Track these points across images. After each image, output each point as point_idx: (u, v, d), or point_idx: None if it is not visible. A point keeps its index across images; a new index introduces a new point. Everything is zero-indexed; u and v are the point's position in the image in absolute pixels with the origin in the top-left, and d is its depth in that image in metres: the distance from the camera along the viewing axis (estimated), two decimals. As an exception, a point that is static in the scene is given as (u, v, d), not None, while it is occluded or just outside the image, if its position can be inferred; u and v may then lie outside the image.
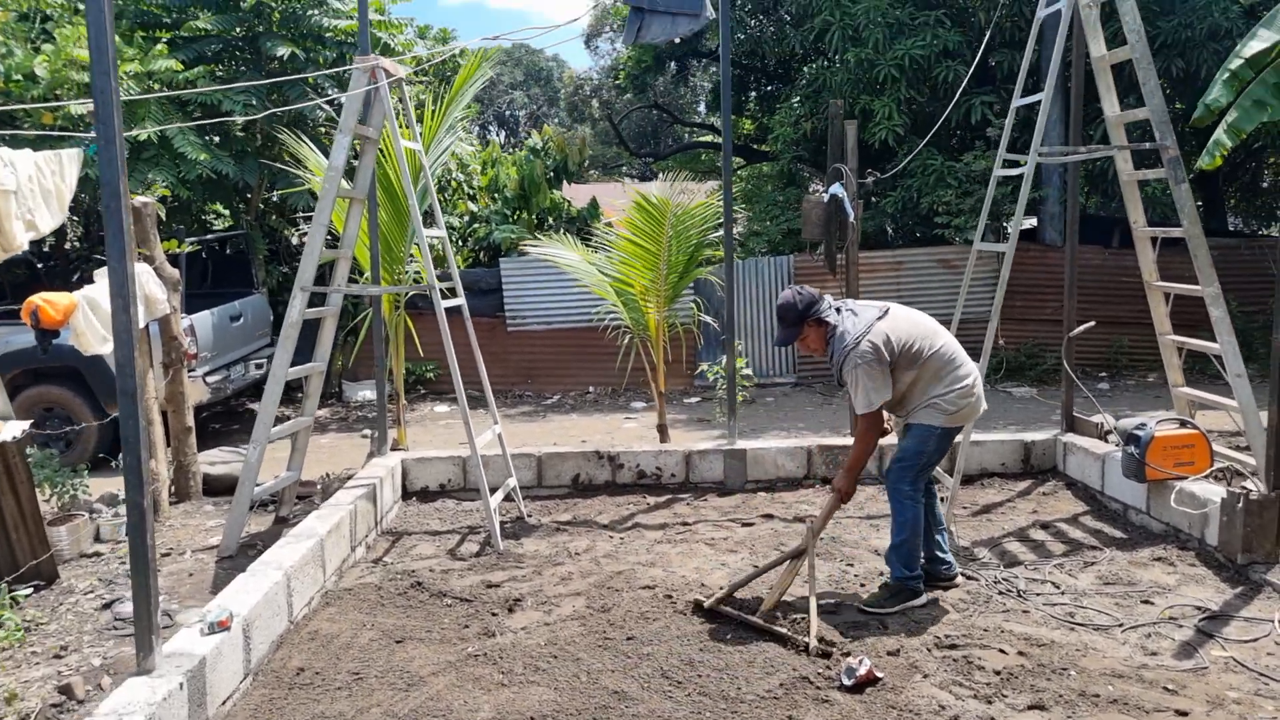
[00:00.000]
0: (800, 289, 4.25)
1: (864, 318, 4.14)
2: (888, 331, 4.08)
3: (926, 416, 4.17)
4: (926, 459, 4.22)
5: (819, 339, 4.19)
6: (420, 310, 10.55)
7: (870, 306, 4.26)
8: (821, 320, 4.15)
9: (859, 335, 4.06)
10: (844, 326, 4.11)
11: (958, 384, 4.16)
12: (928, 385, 4.15)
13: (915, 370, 4.12)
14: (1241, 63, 7.47)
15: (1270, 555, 4.41)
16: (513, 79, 40.91)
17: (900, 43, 12.22)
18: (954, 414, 4.17)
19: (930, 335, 4.20)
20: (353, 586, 4.49)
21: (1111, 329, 11.68)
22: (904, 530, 4.19)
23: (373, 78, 5.13)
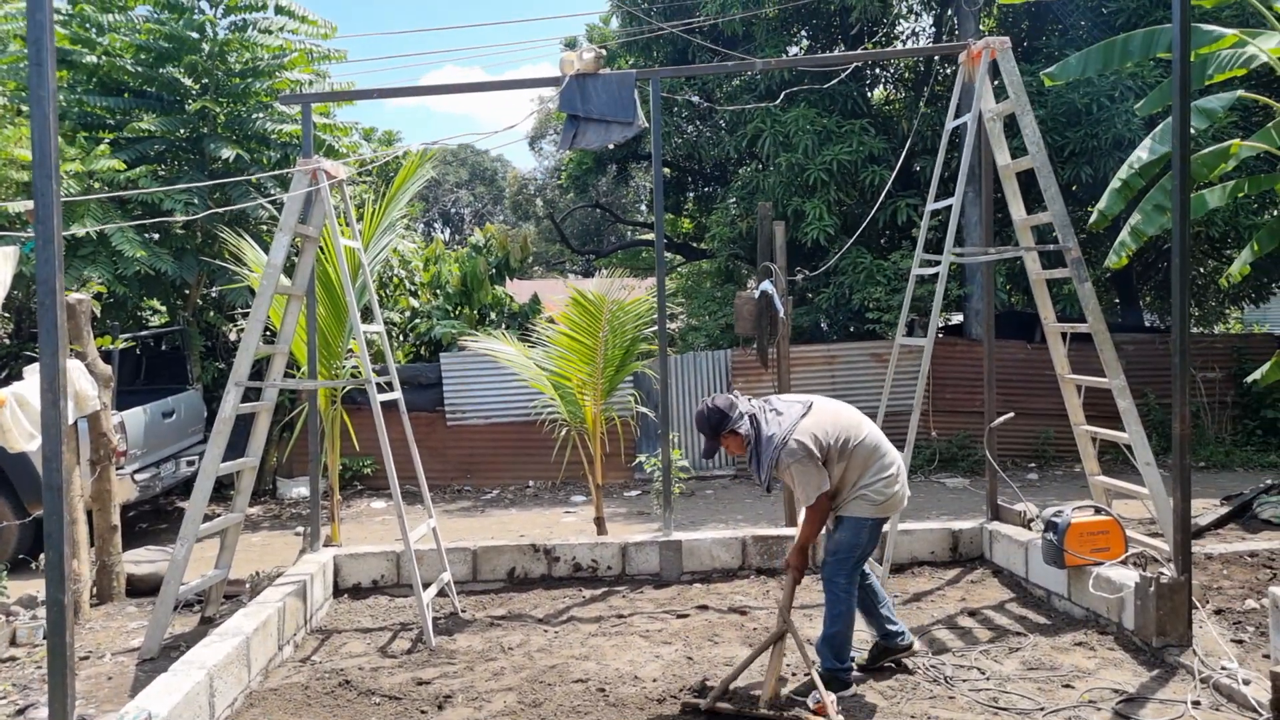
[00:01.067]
0: (712, 404, 4.33)
1: (789, 416, 4.27)
2: (813, 429, 4.22)
3: (856, 509, 4.29)
4: (861, 551, 4.33)
5: (739, 446, 4.31)
6: (358, 405, 10.52)
7: (795, 403, 4.40)
8: (734, 431, 4.26)
9: (785, 434, 4.18)
10: (769, 430, 4.22)
11: (884, 473, 4.31)
12: (857, 475, 4.28)
13: (844, 462, 4.26)
14: (1132, 172, 8.11)
15: (1183, 638, 4.58)
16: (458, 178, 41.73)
17: (828, 149, 12.92)
18: (882, 504, 4.31)
19: (855, 426, 4.35)
20: (279, 686, 4.38)
21: (1037, 420, 12.12)
22: (838, 623, 4.28)
23: (314, 179, 5.29)
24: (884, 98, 16.29)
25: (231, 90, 10.92)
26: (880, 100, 16.11)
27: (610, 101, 6.14)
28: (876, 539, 4.44)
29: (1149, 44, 7.77)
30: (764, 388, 12.41)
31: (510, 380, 11.94)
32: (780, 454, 4.16)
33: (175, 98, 10.93)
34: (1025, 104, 5.44)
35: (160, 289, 10.88)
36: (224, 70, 10.84)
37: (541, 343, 7.75)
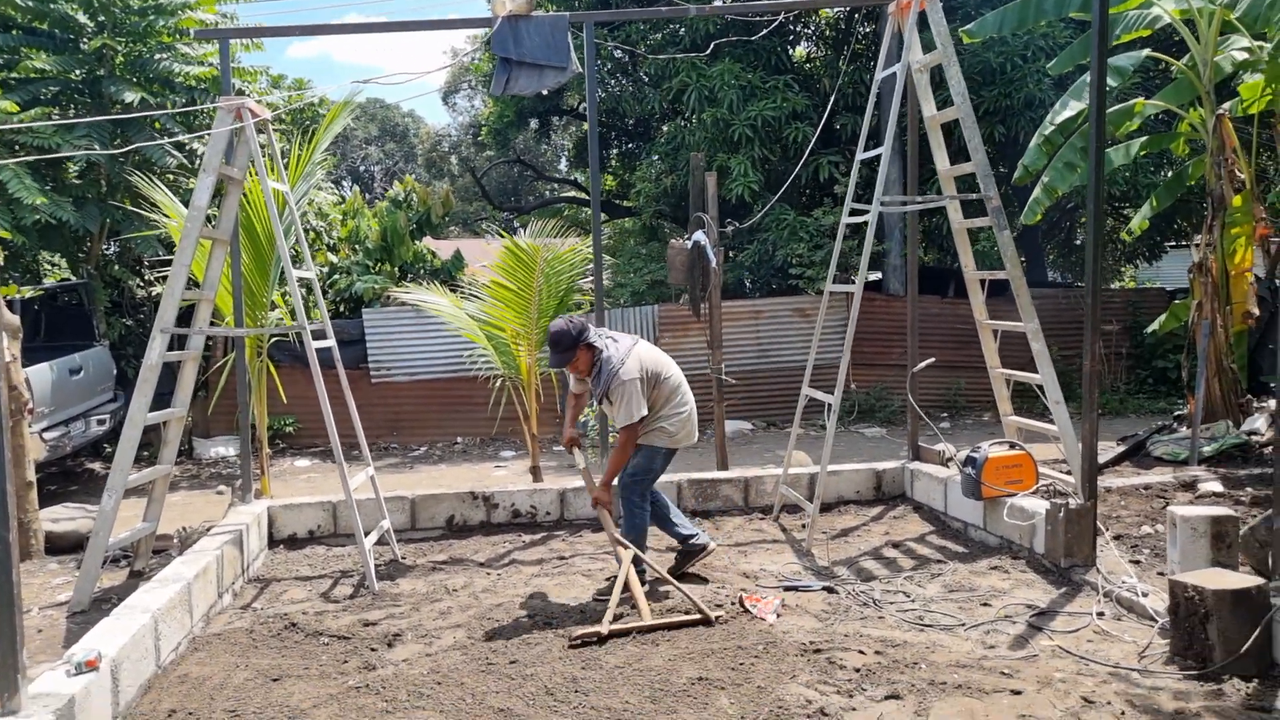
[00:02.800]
0: (571, 318, 4.84)
1: (624, 345, 4.81)
2: (640, 358, 4.79)
3: (653, 439, 4.87)
4: (653, 475, 4.96)
5: (587, 362, 4.78)
6: (279, 363, 10.26)
7: (625, 336, 4.94)
8: (591, 345, 4.74)
9: (623, 358, 4.72)
10: (609, 352, 4.74)
11: (680, 410, 4.93)
12: (660, 408, 4.87)
13: (653, 394, 4.83)
14: (1053, 129, 8.48)
15: (1088, 558, 4.93)
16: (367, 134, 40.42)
17: (753, 104, 13.03)
18: (674, 435, 4.91)
19: (666, 366, 4.96)
20: (222, 631, 4.34)
21: (950, 372, 12.63)
22: (633, 532, 4.88)
23: (238, 118, 5.12)
24: (805, 56, 16.47)
25: (132, 28, 10.34)
26: (802, 58, 16.29)
27: (544, 45, 6.09)
28: (665, 468, 5.04)
29: (1062, 3, 8.09)
30: (692, 342, 12.60)
31: (437, 336, 11.83)
32: (618, 373, 4.65)
33: (70, 35, 10.31)
34: (952, 55, 5.63)
35: (60, 240, 10.34)
36: (122, 6, 10.23)
37: (474, 294, 7.70)
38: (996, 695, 3.50)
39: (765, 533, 6.06)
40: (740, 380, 12.23)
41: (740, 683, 3.66)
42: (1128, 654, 3.88)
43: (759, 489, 6.66)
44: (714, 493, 6.60)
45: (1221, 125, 7.58)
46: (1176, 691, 3.51)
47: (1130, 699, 3.45)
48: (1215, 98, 8.04)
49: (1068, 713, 3.35)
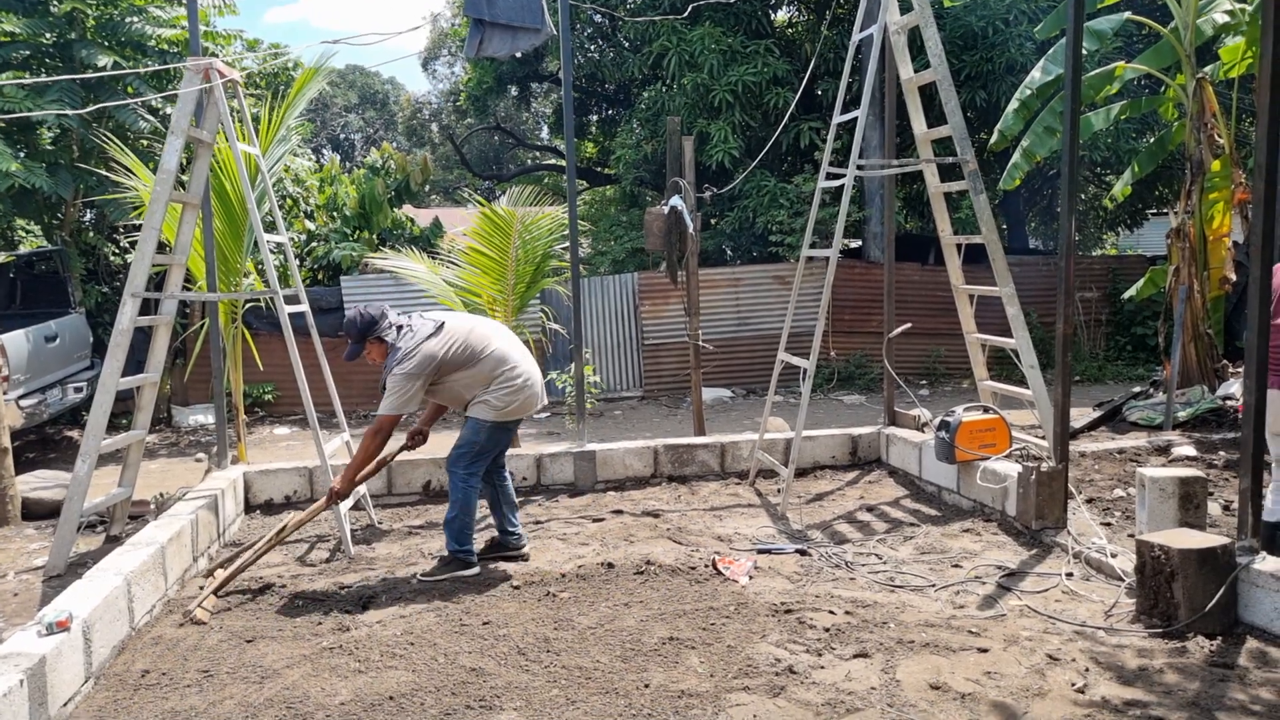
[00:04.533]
0: (364, 310, 4.63)
1: (419, 334, 4.56)
2: (435, 349, 4.51)
3: (478, 411, 4.65)
4: (479, 448, 4.69)
5: (380, 354, 4.60)
6: (255, 331, 10.19)
7: (429, 322, 4.67)
8: (380, 339, 4.57)
9: (409, 351, 4.48)
10: (400, 344, 4.53)
11: (509, 383, 4.64)
12: (477, 385, 4.62)
13: (466, 371, 4.59)
14: (1031, 93, 8.45)
15: (1059, 520, 4.99)
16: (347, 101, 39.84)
17: (733, 69, 12.93)
18: (503, 409, 4.66)
19: (485, 340, 4.67)
20: (196, 595, 4.34)
21: (929, 339, 12.70)
22: (456, 508, 4.65)
23: (206, 78, 5.02)
24: (787, 20, 16.32)
25: (103, -10, 10.12)
26: (783, 23, 16.15)
27: (517, 6, 6.00)
28: (497, 441, 4.80)
29: (1043, -34, 8.01)
30: (670, 310, 12.60)
31: (416, 303, 11.74)
32: (395, 367, 4.47)
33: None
34: (929, 16, 5.58)
35: (34, 207, 10.18)
36: (93, -32, 10.01)
37: (451, 261, 7.65)
38: (963, 653, 3.56)
39: (741, 497, 6.10)
40: (720, 348, 12.26)
41: (711, 642, 3.70)
42: (1095, 613, 3.94)
43: (735, 454, 6.69)
44: (690, 458, 6.63)
45: (1202, 89, 7.58)
46: (1141, 649, 3.57)
47: (1095, 656, 3.51)
48: (1196, 61, 8.04)
49: (1032, 670, 3.41)
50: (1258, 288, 3.41)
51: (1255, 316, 3.46)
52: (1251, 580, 3.66)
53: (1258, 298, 3.44)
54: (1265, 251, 3.35)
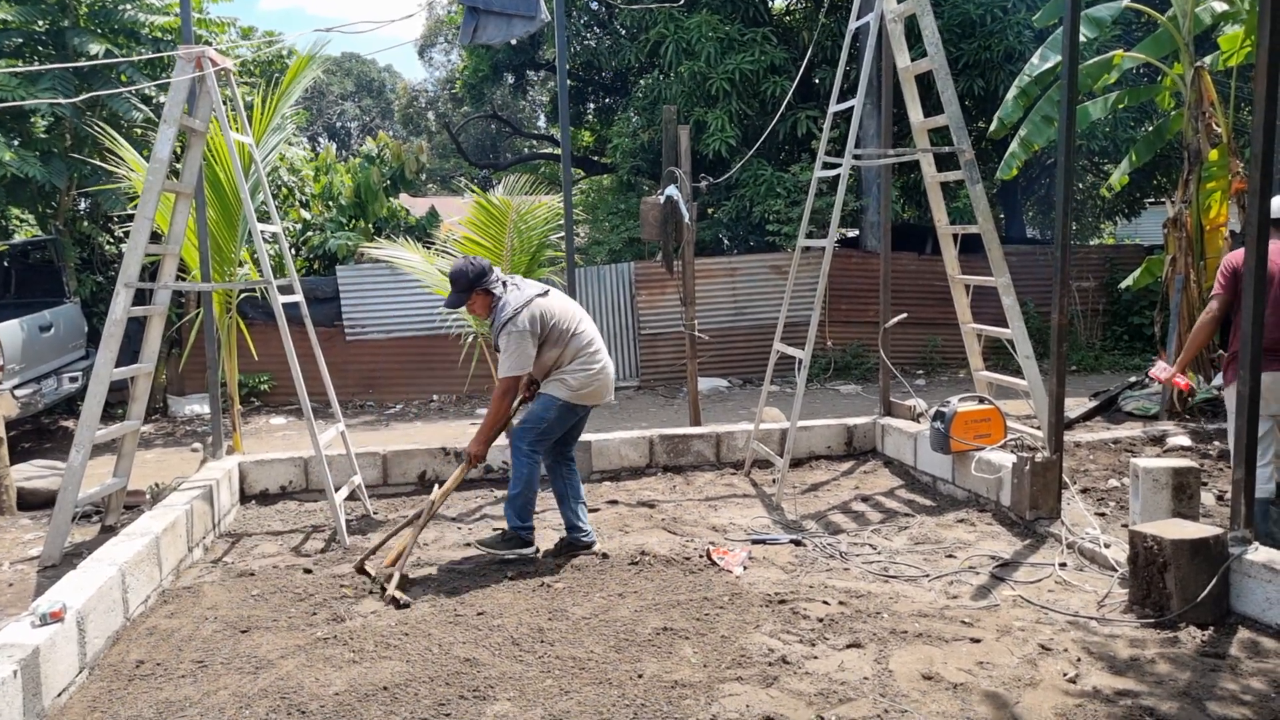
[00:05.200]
0: (473, 260, 4.65)
1: (525, 293, 4.58)
2: (543, 309, 4.55)
3: (553, 389, 4.63)
4: (547, 425, 4.65)
5: (485, 307, 4.61)
6: (251, 320, 10.17)
7: (534, 285, 4.72)
8: (488, 291, 4.57)
9: (518, 308, 4.49)
10: (507, 298, 4.54)
11: (589, 367, 4.65)
12: (564, 362, 4.63)
13: (558, 348, 4.62)
14: (1030, 80, 8.42)
15: (1053, 511, 5.01)
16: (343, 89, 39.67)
17: (731, 58, 12.87)
18: (577, 391, 4.64)
19: (577, 320, 4.71)
20: (192, 585, 4.35)
21: (926, 329, 12.69)
22: (519, 484, 4.62)
23: (198, 67, 4.99)
24: (785, 8, 16.25)
25: (96, -23, 10.05)
26: (781, 10, 16.07)
27: (513, -6, 5.96)
28: (564, 423, 4.74)
29: (1041, -46, 7.97)
30: (666, 300, 12.58)
31: (412, 293, 11.75)
32: (508, 322, 4.46)
33: (32, -16, 9.99)
34: (926, 4, 5.55)
35: (28, 196, 10.13)
36: (85, -46, 9.93)
37: (447, 250, 7.62)
38: (956, 643, 3.57)
39: (736, 487, 6.10)
40: (716, 338, 12.25)
41: (705, 633, 3.71)
42: (1087, 603, 3.95)
43: (730, 444, 6.69)
44: (685, 448, 6.64)
45: (1200, 78, 7.55)
46: (1133, 639, 3.58)
47: (1087, 646, 3.52)
48: (1194, 50, 8.00)
49: (1024, 660, 3.42)
50: (1252, 278, 3.41)
51: (1249, 306, 3.46)
52: (1244, 570, 3.67)
53: (1252, 288, 3.43)
54: (1260, 242, 3.34)
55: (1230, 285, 4.46)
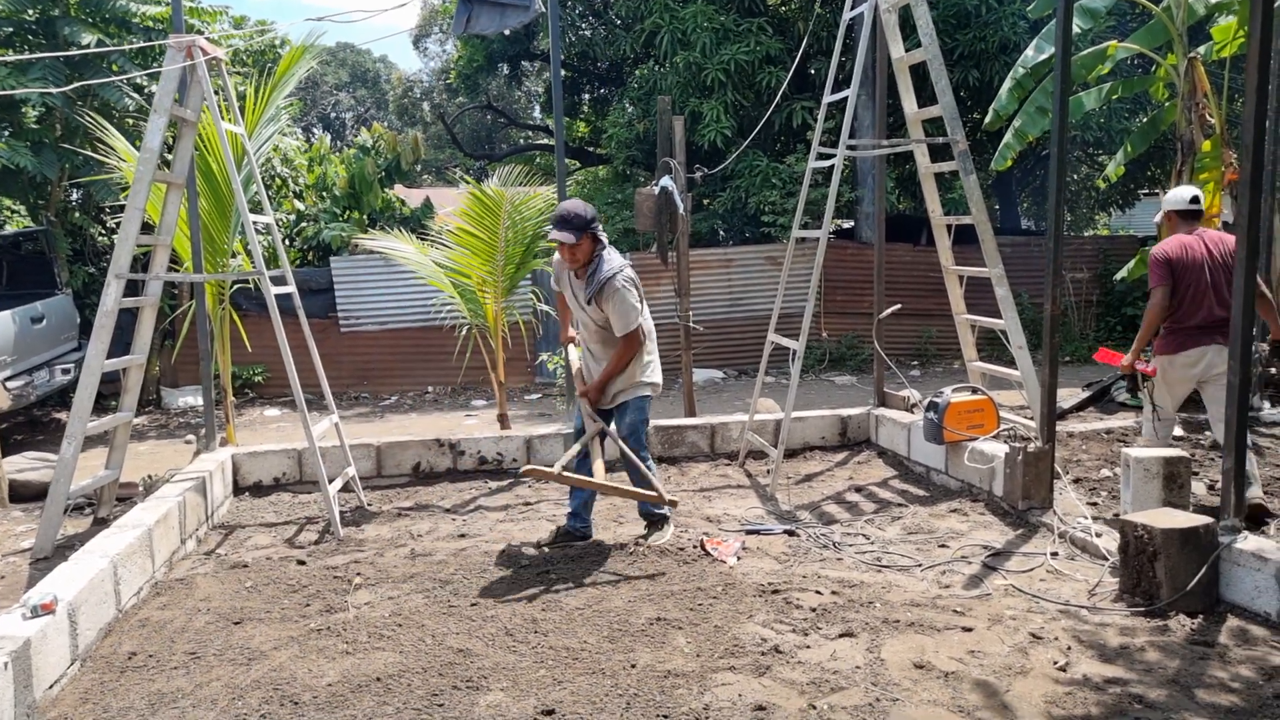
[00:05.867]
0: (584, 204, 4.62)
1: (621, 258, 4.65)
2: (635, 279, 4.63)
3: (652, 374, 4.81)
4: (647, 423, 4.93)
5: (587, 254, 4.52)
6: (246, 311, 10.14)
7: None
8: (597, 238, 4.52)
9: (623, 265, 4.58)
10: (610, 256, 4.58)
11: (655, 351, 4.85)
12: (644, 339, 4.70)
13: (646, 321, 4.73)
14: (1025, 72, 8.42)
15: (1045, 500, 5.02)
16: (337, 79, 39.52)
17: (726, 48, 12.83)
18: (658, 384, 4.86)
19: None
20: (184, 576, 4.35)
21: (921, 320, 12.71)
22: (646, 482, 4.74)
23: (189, 56, 4.97)
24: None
25: (86, -35, 9.97)
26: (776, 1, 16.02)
27: (506, -16, 5.93)
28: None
29: (1036, -56, 7.96)
30: (663, 290, 12.55)
31: (406, 284, 11.72)
32: (617, 275, 4.48)
33: (22, -27, 9.92)
34: (920, -5, 5.54)
35: (19, 186, 10.08)
36: (75, -57, 9.86)
37: (440, 243, 7.60)
38: (948, 632, 3.58)
39: (730, 478, 6.11)
40: (712, 329, 12.25)
41: (698, 623, 3.72)
42: (1079, 592, 3.97)
43: (725, 435, 6.70)
44: (680, 439, 6.64)
45: (1193, 69, 7.55)
46: (1123, 627, 3.60)
47: (1077, 635, 3.54)
48: (1188, 41, 8.00)
49: (1015, 648, 3.44)
50: (1243, 269, 3.41)
51: (1240, 296, 3.46)
52: (1233, 559, 3.69)
53: (1243, 278, 3.44)
54: (1251, 233, 3.35)
55: (1166, 274, 5.01)
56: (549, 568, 4.40)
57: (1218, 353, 4.86)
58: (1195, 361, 5.02)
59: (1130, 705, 3.01)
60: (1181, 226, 5.20)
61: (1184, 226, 5.19)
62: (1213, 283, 4.96)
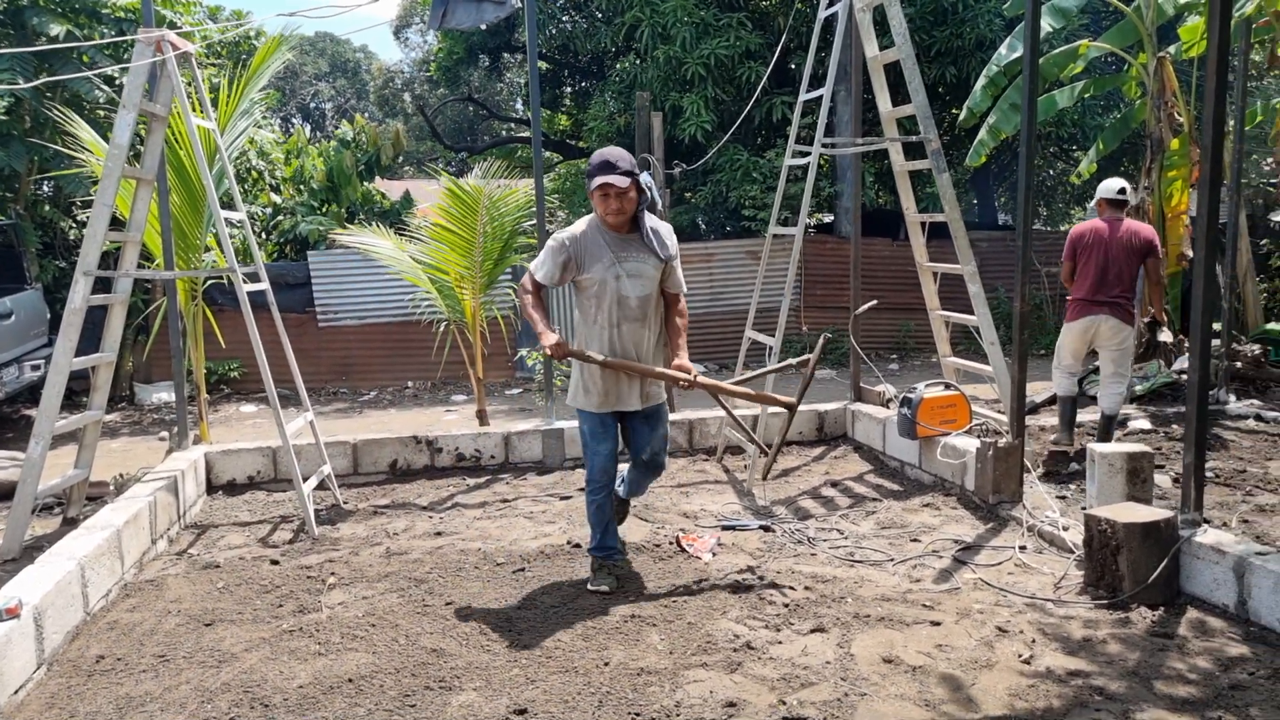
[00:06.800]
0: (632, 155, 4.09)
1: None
2: None
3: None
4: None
5: (634, 203, 3.90)
6: (220, 307, 10.06)
7: None
8: (642, 188, 3.92)
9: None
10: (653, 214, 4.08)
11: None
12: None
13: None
14: (998, 70, 8.48)
15: (1015, 494, 5.09)
16: (317, 69, 39.14)
17: (706, 42, 12.84)
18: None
19: None
20: (155, 578, 4.32)
21: (900, 314, 12.78)
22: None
23: (158, 50, 4.92)
24: (760, -8, 16.19)
25: (55, -44, 9.84)
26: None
27: (481, -21, 5.91)
28: None
29: (1010, -58, 8.01)
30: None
31: (385, 279, 11.66)
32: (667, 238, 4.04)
33: (-11, -37, 9.79)
34: (893, -6, 5.56)
35: (-14, 180, 9.95)
36: (45, -68, 9.71)
37: (418, 238, 7.56)
38: (917, 626, 3.63)
39: (708, 474, 6.14)
40: (693, 323, 12.26)
41: (672, 619, 3.74)
42: (1045, 585, 4.03)
43: (703, 431, 6.73)
44: (658, 435, 6.65)
45: (1162, 68, 7.63)
46: (1086, 620, 3.66)
47: (1042, 628, 3.60)
48: (1158, 40, 8.09)
49: (982, 642, 3.49)
50: (1203, 268, 3.47)
51: (1200, 296, 3.52)
52: (1193, 552, 3.75)
53: (1203, 277, 3.49)
54: (1210, 232, 3.40)
55: (1070, 252, 6.04)
56: (525, 566, 4.42)
57: (1104, 321, 5.87)
58: (1087, 329, 5.98)
59: (1091, 697, 3.06)
60: (1107, 212, 6.01)
61: (1109, 212, 6.00)
62: (1104, 263, 5.82)
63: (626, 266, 3.95)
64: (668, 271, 4.06)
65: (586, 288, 4.00)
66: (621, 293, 3.95)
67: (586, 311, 4.03)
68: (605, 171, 3.81)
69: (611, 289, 3.95)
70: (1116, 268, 5.84)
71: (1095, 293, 5.88)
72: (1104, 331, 5.95)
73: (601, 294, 3.95)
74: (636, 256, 3.97)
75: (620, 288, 3.95)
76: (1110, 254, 5.84)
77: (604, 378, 4.02)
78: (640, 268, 3.97)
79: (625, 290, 3.95)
